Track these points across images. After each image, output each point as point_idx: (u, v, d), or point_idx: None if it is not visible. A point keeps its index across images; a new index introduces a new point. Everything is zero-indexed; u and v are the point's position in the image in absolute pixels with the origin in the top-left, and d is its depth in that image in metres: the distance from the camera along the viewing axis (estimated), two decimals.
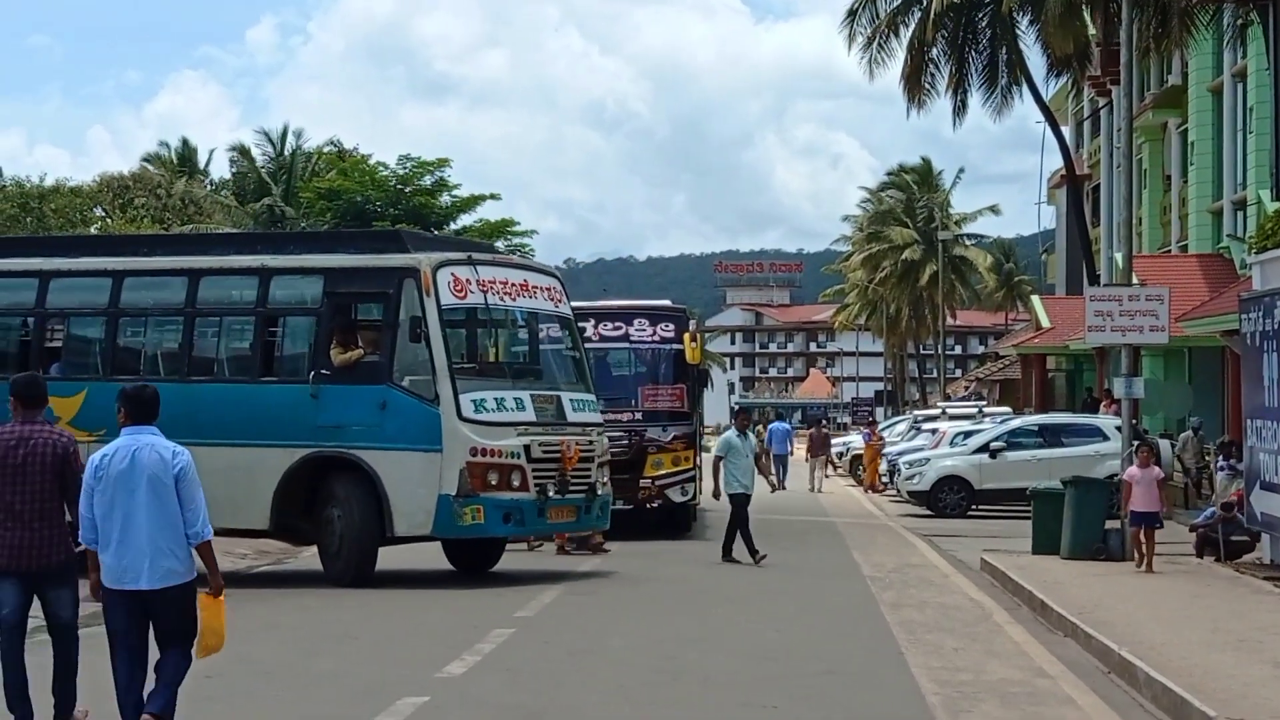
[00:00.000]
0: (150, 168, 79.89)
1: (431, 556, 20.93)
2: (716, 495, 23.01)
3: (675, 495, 26.16)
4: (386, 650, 14.16)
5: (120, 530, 9.45)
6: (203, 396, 19.49)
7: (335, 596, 17.68)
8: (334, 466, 18.89)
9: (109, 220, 68.65)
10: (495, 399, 18.83)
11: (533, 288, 20.44)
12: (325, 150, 79.59)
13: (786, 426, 51.11)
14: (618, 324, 27.15)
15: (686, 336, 26.66)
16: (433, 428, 18.32)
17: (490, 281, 19.55)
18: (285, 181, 73.19)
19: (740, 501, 22.13)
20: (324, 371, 18.90)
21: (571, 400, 20.18)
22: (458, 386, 18.42)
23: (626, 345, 27.23)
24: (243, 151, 76.58)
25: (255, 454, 19.02)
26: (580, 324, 24.06)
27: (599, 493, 20.21)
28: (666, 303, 30.74)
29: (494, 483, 18.47)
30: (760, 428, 52.09)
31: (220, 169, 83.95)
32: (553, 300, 20.92)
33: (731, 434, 22.83)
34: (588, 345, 24.61)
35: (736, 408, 27.29)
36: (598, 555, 22.70)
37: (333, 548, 18.94)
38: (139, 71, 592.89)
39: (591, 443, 20.11)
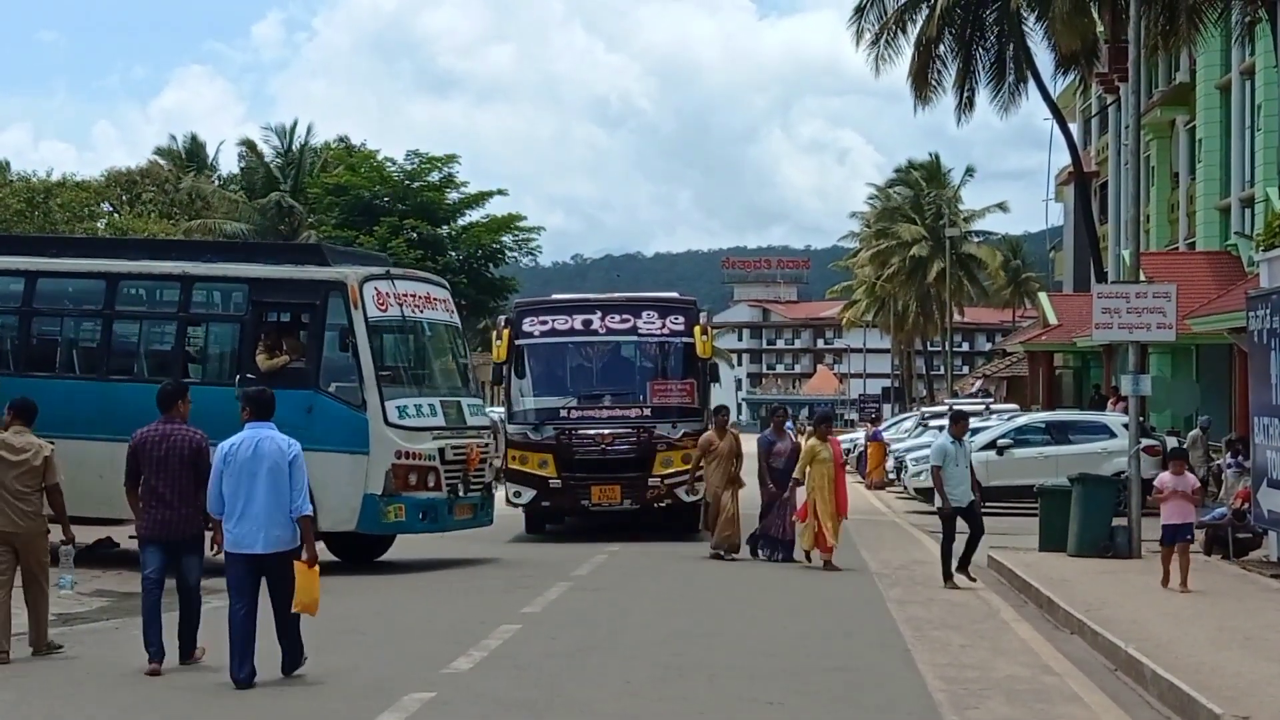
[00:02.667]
0: (161, 161, 79.94)
1: (435, 552, 20.94)
2: (942, 510, 19.54)
3: (685, 495, 24.91)
4: (393, 646, 14.18)
5: (243, 505, 11.92)
6: (121, 395, 20.11)
7: (341, 592, 17.69)
8: None
9: (116, 215, 68.76)
10: (415, 405, 20.24)
11: (434, 300, 21.86)
12: (334, 146, 79.67)
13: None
14: (625, 316, 26.14)
15: (697, 329, 25.63)
16: (360, 431, 19.62)
17: (405, 295, 20.87)
18: (293, 177, 73.23)
19: (949, 516, 19.42)
20: (249, 375, 19.60)
21: (468, 405, 21.71)
22: (383, 394, 19.73)
23: (635, 338, 26.18)
24: (251, 147, 76.64)
25: None
26: (587, 316, 25.78)
27: (493, 492, 22.02)
28: (676, 294, 29.13)
29: (413, 483, 20.00)
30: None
31: (228, 164, 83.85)
32: (448, 311, 22.27)
33: (945, 439, 19.93)
34: (595, 338, 25.74)
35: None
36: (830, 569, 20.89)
37: None
38: (145, 67, 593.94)
39: (487, 445, 21.91)
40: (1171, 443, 32.59)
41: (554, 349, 26.18)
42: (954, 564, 19.32)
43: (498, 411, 29.22)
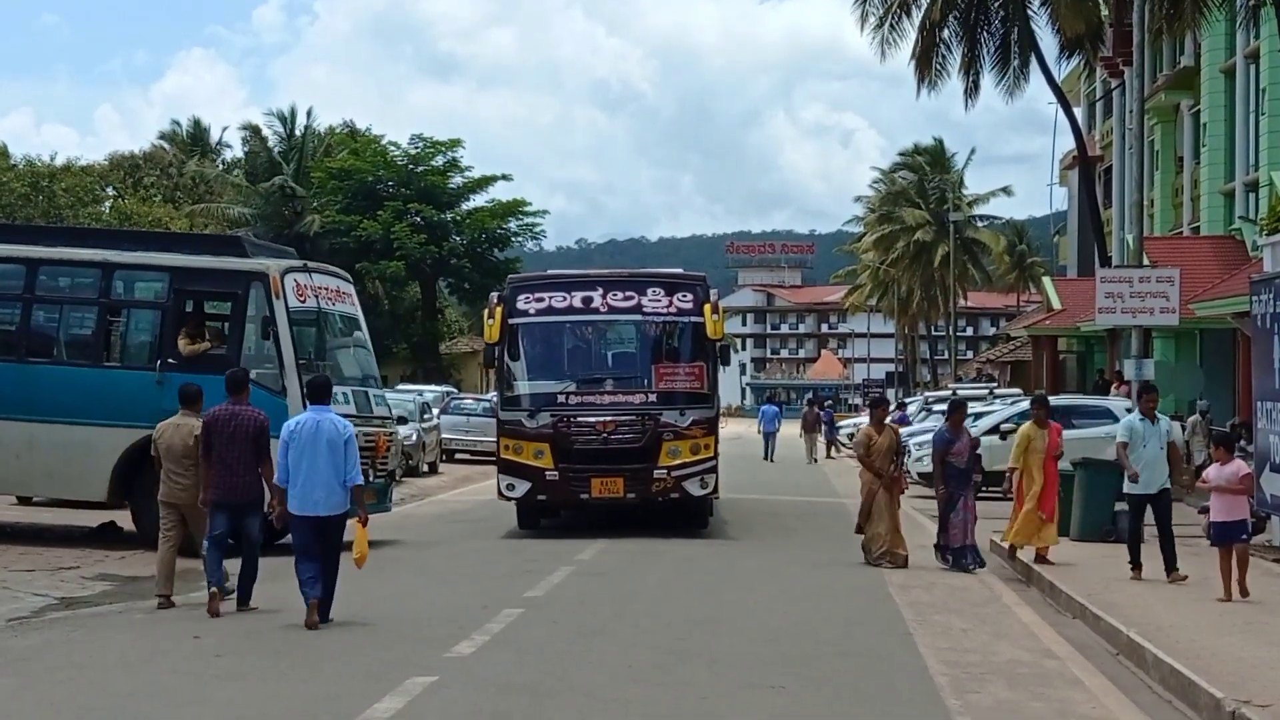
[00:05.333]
0: (165, 146, 79.88)
1: (440, 538, 20.93)
2: (1134, 478, 17.77)
3: (694, 488, 23.16)
4: (395, 630, 14.19)
5: (306, 474, 14.10)
6: (41, 377, 20.73)
7: (344, 577, 17.70)
8: None
9: (121, 199, 68.71)
10: (342, 391, 20.42)
11: (342, 293, 22.46)
12: (338, 131, 79.56)
13: (775, 408, 57.51)
14: (629, 294, 23.97)
15: (707, 308, 23.57)
16: (280, 416, 19.51)
17: (320, 288, 21.53)
18: (296, 161, 73.13)
19: (1136, 504, 17.88)
20: (170, 360, 20.37)
21: (372, 395, 22.21)
22: (303, 380, 19.90)
23: (639, 318, 24.03)
24: (254, 131, 76.53)
25: (96, 432, 20.43)
26: (587, 293, 23.95)
27: (396, 478, 22.63)
28: (684, 270, 27.09)
29: None
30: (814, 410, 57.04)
31: (232, 148, 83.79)
32: (353, 303, 22.91)
33: (1134, 416, 18.25)
34: (596, 317, 24.00)
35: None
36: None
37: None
38: (146, 51, 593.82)
39: (393, 434, 22.68)
40: (1175, 427, 32.66)
41: (551, 329, 24.14)
42: (1141, 554, 17.61)
43: (485, 398, 29.09)
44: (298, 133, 75.20)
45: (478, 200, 73.93)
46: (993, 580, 18.51)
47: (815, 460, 51.11)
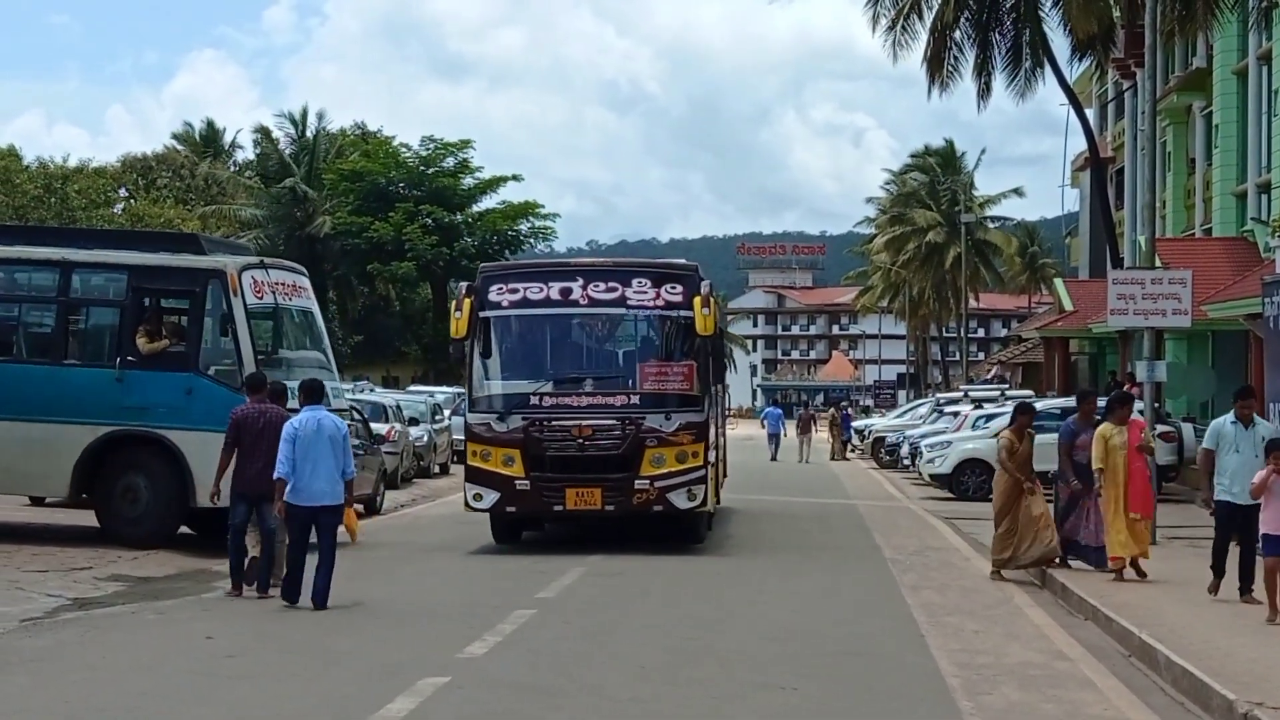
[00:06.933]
0: (179, 147, 79.95)
1: (451, 539, 20.94)
2: (1206, 506, 16.49)
3: (679, 500, 20.88)
4: (407, 630, 14.21)
5: (310, 468, 15.13)
6: (0, 376, 20.87)
7: (357, 577, 17.74)
8: (137, 443, 20.60)
9: (133, 201, 68.82)
10: (290, 388, 20.03)
11: (298, 288, 22.52)
12: (349, 133, 79.65)
13: (779, 411, 59.32)
14: (612, 285, 21.59)
15: (697, 301, 21.10)
16: None
17: (277, 283, 21.64)
18: (308, 163, 73.25)
19: (1224, 512, 15.99)
20: (129, 358, 20.56)
21: (331, 389, 21.73)
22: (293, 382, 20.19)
23: (622, 311, 21.71)
24: (265, 133, 76.65)
25: (56, 430, 20.60)
26: (566, 284, 21.63)
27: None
28: (674, 260, 24.21)
29: None
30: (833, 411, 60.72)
31: (245, 150, 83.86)
32: (309, 297, 22.96)
33: (1226, 420, 16.18)
34: (575, 309, 21.69)
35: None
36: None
37: (133, 514, 20.70)
38: (156, 51, 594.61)
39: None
40: (1188, 429, 32.61)
41: (525, 323, 21.84)
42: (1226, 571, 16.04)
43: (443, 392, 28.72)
44: (309, 134, 75.32)
45: (489, 202, 74.07)
46: (1004, 582, 18.48)
47: (806, 461, 52.31)
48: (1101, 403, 19.86)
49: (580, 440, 20.78)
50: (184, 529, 21.23)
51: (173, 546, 20.48)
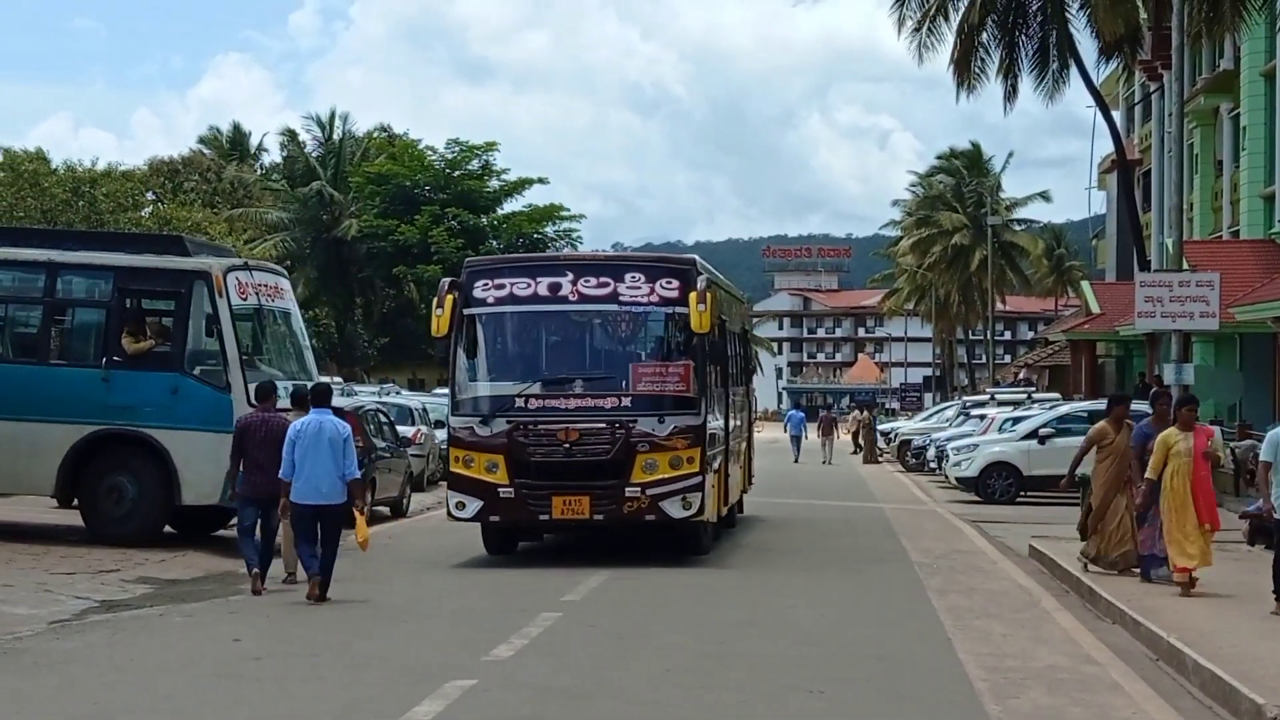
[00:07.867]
0: (205, 151, 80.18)
1: (476, 542, 20.94)
2: (1268, 517, 15.87)
3: (673, 509, 19.65)
4: (433, 633, 14.23)
5: (310, 468, 15.95)
6: None
7: (381, 580, 17.80)
8: (123, 442, 20.77)
9: (160, 204, 68.99)
10: (283, 388, 20.27)
11: (280, 289, 22.74)
12: (375, 136, 79.81)
13: (801, 414, 60.79)
14: (604, 280, 20.31)
15: (692, 296, 19.83)
16: (225, 411, 20.14)
17: (259, 284, 21.85)
18: (334, 166, 73.42)
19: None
20: (116, 358, 20.76)
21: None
22: (246, 376, 20.32)
23: (614, 307, 20.45)
24: (292, 136, 76.88)
25: (43, 429, 20.78)
26: (555, 279, 20.46)
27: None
28: (671, 254, 23.04)
29: None
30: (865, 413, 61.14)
31: (272, 153, 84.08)
32: (290, 299, 23.20)
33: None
34: (564, 306, 20.48)
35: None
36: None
37: (119, 513, 20.88)
38: (182, 55, 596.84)
39: None
40: (1216, 433, 32.43)
41: (511, 320, 20.74)
42: None
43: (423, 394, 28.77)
44: (334, 137, 75.48)
45: (514, 204, 74.13)
46: (1032, 585, 18.43)
47: (830, 462, 53.01)
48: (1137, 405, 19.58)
49: (567, 445, 19.61)
50: (167, 528, 21.40)
51: (200, 549, 20.55)
